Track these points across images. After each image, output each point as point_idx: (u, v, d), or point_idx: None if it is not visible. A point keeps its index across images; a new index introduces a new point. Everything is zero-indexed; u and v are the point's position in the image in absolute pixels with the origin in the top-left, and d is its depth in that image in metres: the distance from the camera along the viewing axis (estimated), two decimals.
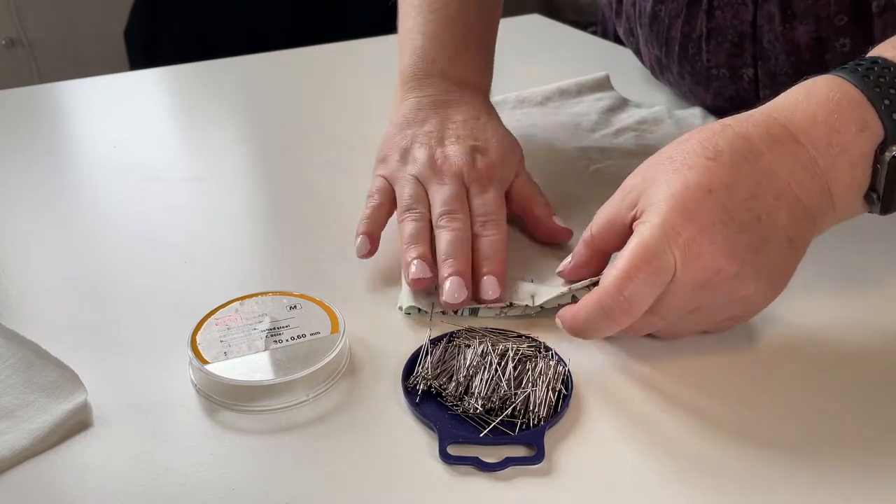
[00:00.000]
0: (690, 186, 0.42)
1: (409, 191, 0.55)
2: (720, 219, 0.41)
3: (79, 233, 0.63)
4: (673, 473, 0.39)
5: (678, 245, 0.41)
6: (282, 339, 0.46)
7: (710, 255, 0.41)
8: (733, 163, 0.43)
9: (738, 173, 0.42)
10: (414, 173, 0.56)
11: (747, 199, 0.42)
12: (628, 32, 0.92)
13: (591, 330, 0.44)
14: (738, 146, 0.43)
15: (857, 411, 0.42)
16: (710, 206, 0.42)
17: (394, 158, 0.58)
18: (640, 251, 0.42)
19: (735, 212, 0.42)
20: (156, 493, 0.38)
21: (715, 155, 0.43)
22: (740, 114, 0.46)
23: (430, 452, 0.40)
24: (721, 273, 0.42)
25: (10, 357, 0.45)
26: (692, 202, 0.42)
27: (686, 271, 0.41)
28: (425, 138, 0.59)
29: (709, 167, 0.43)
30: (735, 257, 0.42)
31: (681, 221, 0.41)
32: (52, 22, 2.29)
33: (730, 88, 0.71)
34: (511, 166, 0.58)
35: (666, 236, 0.41)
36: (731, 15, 0.68)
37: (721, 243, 0.41)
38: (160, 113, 0.89)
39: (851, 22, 0.62)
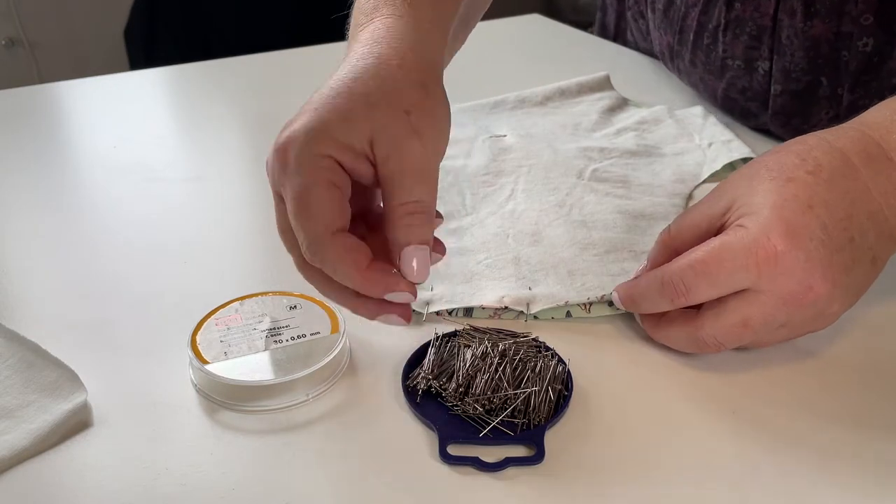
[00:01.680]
0: (790, 199, 0.42)
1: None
2: (818, 237, 0.41)
3: (79, 233, 0.63)
4: (673, 473, 0.39)
5: (768, 258, 0.41)
6: (282, 339, 0.46)
7: (804, 271, 0.41)
8: (832, 179, 0.42)
9: (837, 190, 0.42)
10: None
11: (844, 219, 0.42)
12: (638, 14, 0.92)
13: (642, 301, 0.45)
14: (836, 162, 0.43)
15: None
16: (810, 223, 0.41)
17: None
18: (720, 250, 0.42)
19: (833, 230, 0.41)
20: (156, 493, 0.38)
21: (815, 169, 0.43)
22: (832, 127, 0.46)
23: (430, 452, 0.40)
24: (813, 291, 0.41)
25: (10, 357, 0.45)
26: (792, 216, 0.41)
27: (778, 284, 0.41)
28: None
29: (808, 182, 0.42)
30: (828, 278, 0.41)
31: (778, 234, 0.41)
32: (52, 22, 2.29)
33: (743, 80, 0.71)
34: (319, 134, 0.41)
35: (756, 245, 0.41)
36: (752, 8, 0.68)
37: (817, 262, 0.41)
38: (160, 113, 0.89)
39: (876, 22, 0.62)
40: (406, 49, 0.43)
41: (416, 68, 0.42)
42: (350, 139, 0.40)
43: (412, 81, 0.41)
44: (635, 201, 0.62)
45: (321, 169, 0.40)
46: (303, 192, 0.39)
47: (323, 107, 0.40)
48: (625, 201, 0.62)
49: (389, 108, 0.40)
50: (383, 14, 0.46)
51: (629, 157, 0.68)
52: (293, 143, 0.40)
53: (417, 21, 0.45)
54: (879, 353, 0.47)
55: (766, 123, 0.73)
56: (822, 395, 0.44)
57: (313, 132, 0.40)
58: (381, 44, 0.43)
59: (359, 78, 0.41)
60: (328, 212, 0.40)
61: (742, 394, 0.44)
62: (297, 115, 0.42)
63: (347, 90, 0.41)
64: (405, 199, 0.40)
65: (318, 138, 0.40)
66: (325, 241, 0.40)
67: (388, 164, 0.40)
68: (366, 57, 0.42)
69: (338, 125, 0.40)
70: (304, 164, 0.39)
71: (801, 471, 0.39)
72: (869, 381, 0.45)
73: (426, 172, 0.41)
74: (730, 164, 0.67)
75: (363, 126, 0.40)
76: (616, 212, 0.60)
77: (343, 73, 0.42)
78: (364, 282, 0.40)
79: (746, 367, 0.45)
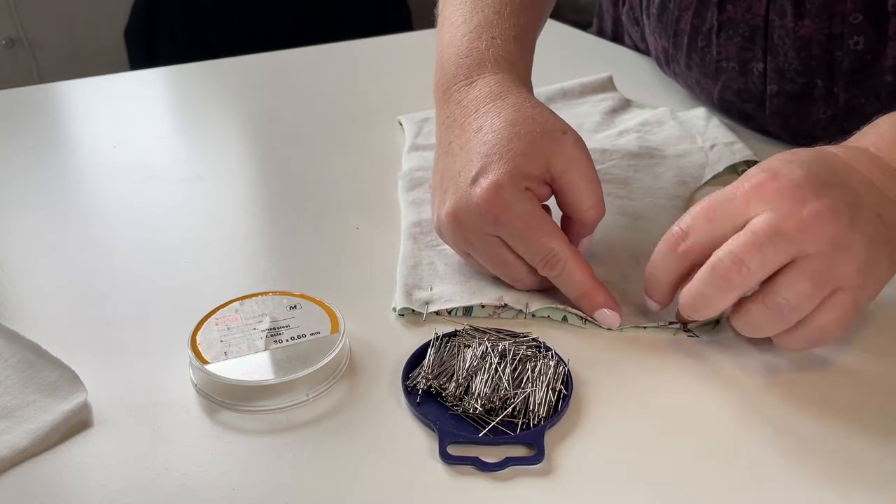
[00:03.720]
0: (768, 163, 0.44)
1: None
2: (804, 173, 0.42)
3: (79, 233, 0.63)
4: (673, 473, 0.39)
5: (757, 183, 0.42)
6: (282, 339, 0.46)
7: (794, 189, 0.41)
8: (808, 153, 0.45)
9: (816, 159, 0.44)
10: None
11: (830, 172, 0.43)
12: (632, 21, 0.92)
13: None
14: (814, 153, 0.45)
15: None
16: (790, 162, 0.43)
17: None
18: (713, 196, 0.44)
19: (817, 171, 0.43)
20: (156, 493, 0.38)
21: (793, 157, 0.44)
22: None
23: (430, 452, 0.40)
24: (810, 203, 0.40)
25: (10, 357, 0.45)
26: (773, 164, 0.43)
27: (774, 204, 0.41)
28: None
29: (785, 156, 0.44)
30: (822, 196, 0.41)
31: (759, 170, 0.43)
32: (52, 22, 2.29)
33: (738, 81, 0.72)
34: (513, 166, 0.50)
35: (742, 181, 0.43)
36: (744, 9, 0.68)
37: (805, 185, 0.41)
38: (160, 113, 0.89)
39: (866, 20, 0.62)
40: (527, 95, 0.53)
41: (541, 105, 0.52)
42: (535, 171, 0.49)
43: (549, 112, 0.52)
44: (636, 203, 0.62)
45: (533, 200, 0.49)
46: (531, 217, 0.48)
47: (508, 154, 0.49)
48: (626, 202, 0.62)
49: (551, 134, 0.50)
50: (489, 71, 0.55)
51: (631, 159, 0.68)
52: (503, 187, 0.48)
53: (519, 76, 0.56)
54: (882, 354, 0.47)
55: (765, 124, 0.73)
56: (826, 397, 0.44)
57: (515, 175, 0.48)
58: (508, 96, 0.52)
59: (516, 123, 0.50)
60: (557, 227, 0.49)
61: (743, 394, 0.44)
62: (480, 166, 0.49)
63: (516, 134, 0.50)
64: (591, 200, 0.50)
65: (518, 177, 0.48)
66: (565, 250, 0.48)
67: (566, 175, 0.49)
68: (504, 108, 0.51)
69: (525, 163, 0.48)
70: (521, 199, 0.48)
71: (803, 472, 0.39)
72: (870, 386, 0.45)
73: (594, 173, 0.51)
74: (732, 166, 0.67)
75: (540, 156, 0.49)
76: (617, 213, 0.60)
77: (497, 123, 0.51)
78: (593, 290, 0.48)
79: (747, 368, 0.45)
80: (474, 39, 0.57)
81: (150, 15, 2.09)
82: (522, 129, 0.50)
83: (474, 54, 0.56)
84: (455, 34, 0.58)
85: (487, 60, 0.55)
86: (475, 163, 0.49)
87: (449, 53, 0.58)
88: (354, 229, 0.61)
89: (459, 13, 0.60)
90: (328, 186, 0.69)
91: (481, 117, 0.52)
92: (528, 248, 0.48)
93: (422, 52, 1.01)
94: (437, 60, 0.59)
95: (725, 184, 0.46)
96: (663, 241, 0.45)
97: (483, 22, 0.58)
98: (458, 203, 0.49)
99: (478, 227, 0.49)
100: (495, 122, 0.51)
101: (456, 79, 0.55)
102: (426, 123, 0.77)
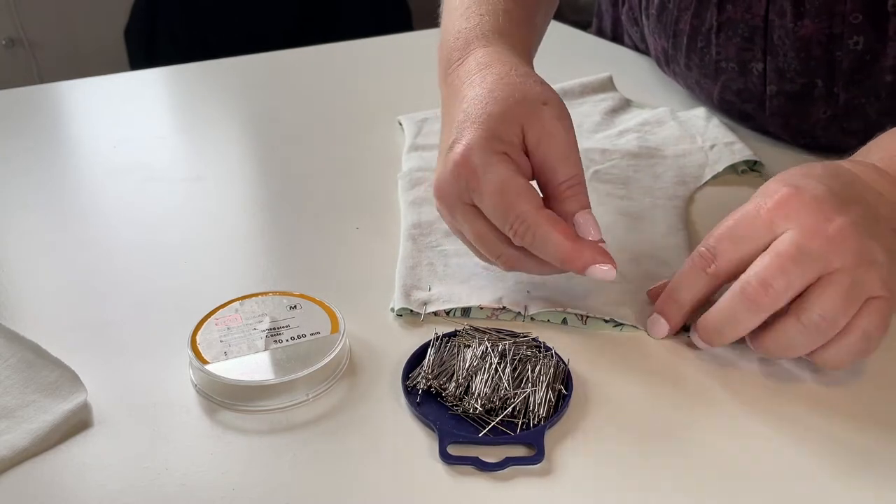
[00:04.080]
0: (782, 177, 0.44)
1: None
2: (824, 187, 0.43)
3: (79, 233, 0.63)
4: (673, 473, 0.39)
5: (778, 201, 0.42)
6: (282, 339, 0.46)
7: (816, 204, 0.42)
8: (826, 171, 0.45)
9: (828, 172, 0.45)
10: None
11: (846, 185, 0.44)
12: (632, 21, 0.92)
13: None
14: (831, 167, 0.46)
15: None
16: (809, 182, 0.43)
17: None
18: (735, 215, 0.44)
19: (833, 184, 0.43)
20: (156, 493, 0.38)
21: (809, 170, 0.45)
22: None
23: (430, 452, 0.40)
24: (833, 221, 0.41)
25: (10, 357, 0.45)
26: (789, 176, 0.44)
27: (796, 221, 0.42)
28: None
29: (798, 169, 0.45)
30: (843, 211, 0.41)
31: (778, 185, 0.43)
32: (52, 22, 2.29)
33: (738, 81, 0.72)
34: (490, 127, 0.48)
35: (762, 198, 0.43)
36: (743, 9, 0.68)
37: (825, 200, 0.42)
38: (160, 113, 0.89)
39: (866, 20, 0.62)
40: (515, 64, 0.51)
41: (530, 74, 0.50)
42: (510, 136, 0.47)
43: (535, 82, 0.49)
44: (636, 203, 0.62)
45: (506, 162, 0.46)
46: (504, 182, 0.45)
47: (480, 117, 0.47)
48: (626, 202, 0.62)
49: (529, 104, 0.47)
50: (478, 45, 0.54)
51: (631, 159, 0.68)
52: (473, 150, 0.46)
53: (510, 46, 0.54)
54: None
55: (765, 124, 0.73)
56: (825, 394, 0.44)
57: (487, 137, 0.46)
58: (493, 65, 0.51)
59: (495, 89, 0.48)
60: (531, 191, 0.46)
61: (743, 395, 0.44)
62: (456, 133, 0.47)
63: (493, 99, 0.48)
64: (564, 176, 0.47)
65: (492, 140, 0.46)
66: (537, 217, 0.45)
67: (540, 148, 0.47)
68: (488, 76, 0.50)
69: (500, 127, 0.47)
70: (492, 163, 0.45)
71: (804, 470, 0.39)
72: (870, 382, 0.45)
73: (573, 150, 0.48)
74: (731, 166, 0.67)
75: (515, 123, 0.47)
76: (616, 213, 0.60)
77: (478, 91, 0.49)
78: (573, 251, 0.45)
79: (748, 369, 0.45)
80: (464, 21, 0.57)
81: (150, 15, 2.09)
82: (500, 95, 0.48)
83: (463, 34, 0.56)
84: (449, 20, 0.59)
85: (475, 37, 0.55)
86: (453, 131, 0.48)
87: (444, 39, 0.58)
88: (354, 229, 0.61)
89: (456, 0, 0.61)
90: (328, 186, 0.69)
91: (466, 89, 0.51)
92: (497, 212, 0.46)
93: (422, 52, 1.01)
94: (438, 47, 0.59)
95: (725, 184, 0.46)
96: (690, 264, 0.45)
97: (473, 2, 0.59)
98: (438, 175, 0.48)
99: (455, 196, 0.47)
100: (476, 91, 0.49)
101: (450, 62, 0.55)
102: (426, 123, 0.77)
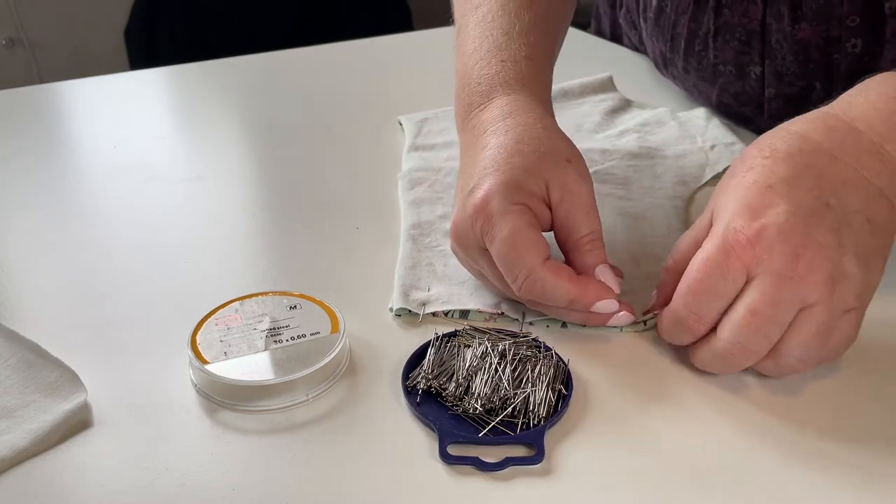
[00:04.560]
0: (750, 185, 0.42)
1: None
2: (785, 209, 0.40)
3: (79, 233, 0.63)
4: (673, 474, 0.39)
5: (743, 247, 0.40)
6: (282, 339, 0.46)
7: (783, 242, 0.40)
8: (789, 156, 0.42)
9: (797, 166, 0.42)
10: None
11: (812, 188, 0.41)
12: (630, 24, 0.92)
13: (671, 337, 0.45)
14: (793, 141, 0.43)
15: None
16: (772, 199, 0.41)
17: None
18: (702, 265, 0.41)
19: (800, 200, 0.41)
20: (156, 493, 0.38)
21: (770, 153, 0.43)
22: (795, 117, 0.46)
23: (430, 452, 0.40)
24: (802, 257, 0.39)
25: (10, 357, 0.45)
26: (752, 199, 0.41)
27: (765, 264, 0.40)
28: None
29: (765, 165, 0.42)
30: (812, 241, 0.40)
31: (743, 222, 0.41)
32: (52, 22, 2.29)
33: (735, 85, 0.72)
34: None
35: (727, 240, 0.41)
36: (740, 13, 0.68)
37: (790, 231, 0.40)
38: (160, 113, 0.89)
39: (863, 23, 0.62)
40: (540, 116, 0.52)
41: (555, 128, 0.52)
42: (534, 188, 0.47)
43: (560, 138, 0.51)
44: (636, 203, 0.62)
45: (522, 214, 0.46)
46: (514, 233, 0.45)
47: (504, 166, 0.48)
48: (625, 203, 0.62)
49: (555, 159, 0.48)
50: (501, 93, 0.54)
51: (631, 159, 0.68)
52: (493, 197, 0.46)
53: (534, 95, 0.55)
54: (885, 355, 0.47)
55: (764, 127, 0.72)
56: (826, 398, 0.44)
57: (508, 186, 0.47)
58: (518, 115, 0.52)
59: (521, 140, 0.49)
60: (540, 244, 0.46)
61: (744, 395, 0.44)
62: (478, 178, 0.48)
63: (518, 151, 0.49)
64: (585, 231, 0.48)
65: (512, 189, 0.47)
66: (541, 269, 0.45)
67: (563, 204, 0.48)
68: (513, 126, 0.51)
69: (523, 178, 0.47)
70: (509, 212, 0.46)
71: (804, 474, 0.39)
72: (878, 392, 0.45)
73: (594, 207, 0.49)
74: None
75: (540, 177, 0.47)
76: (616, 213, 0.60)
77: (503, 140, 0.50)
78: (579, 289, 0.46)
79: (748, 370, 0.45)
80: (485, 66, 0.56)
81: (150, 15, 2.09)
82: (526, 148, 0.49)
83: (486, 80, 0.56)
84: (468, 63, 0.58)
85: (499, 84, 0.55)
86: (475, 176, 0.49)
87: (463, 83, 0.57)
88: (354, 229, 0.61)
89: (471, 40, 0.60)
90: (328, 186, 0.69)
91: (490, 136, 0.51)
92: (503, 262, 0.46)
93: (422, 52, 1.02)
94: (454, 92, 0.59)
95: None
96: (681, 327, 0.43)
97: (493, 46, 0.58)
98: (456, 217, 0.49)
99: (471, 240, 0.48)
100: (501, 140, 0.50)
101: (471, 107, 0.55)
102: (426, 123, 0.77)
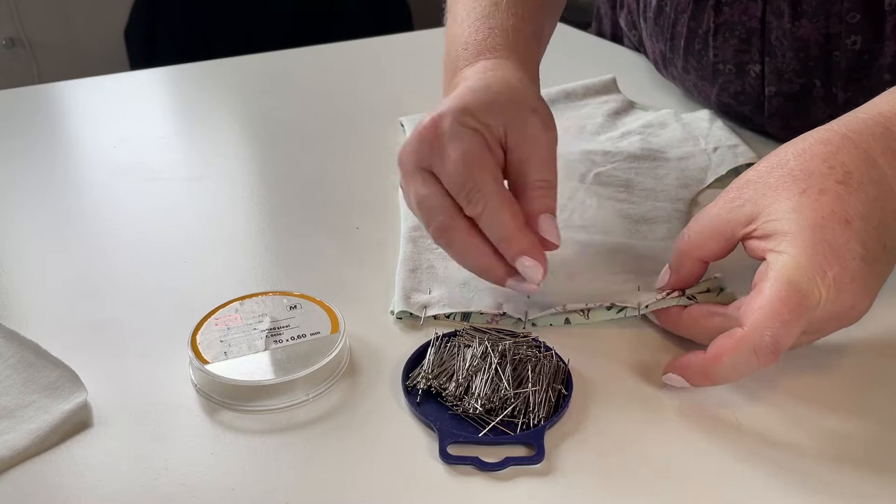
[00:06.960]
0: (827, 217, 0.41)
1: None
2: (860, 254, 0.40)
3: (79, 233, 0.63)
4: (673, 473, 0.39)
5: (825, 283, 0.40)
6: (282, 339, 0.46)
7: (850, 292, 0.40)
8: (862, 186, 0.42)
9: (868, 199, 0.41)
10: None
11: (878, 227, 0.41)
12: (630, 25, 0.92)
13: (732, 372, 0.41)
14: (863, 166, 0.42)
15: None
16: (850, 240, 0.40)
17: None
18: (791, 290, 0.40)
19: (869, 242, 0.41)
20: (156, 493, 0.38)
21: (844, 178, 0.42)
22: (850, 119, 0.45)
23: (430, 452, 0.40)
24: (855, 309, 0.41)
25: (10, 357, 0.45)
26: (833, 236, 0.40)
27: (827, 308, 0.40)
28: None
29: (841, 194, 0.41)
30: (869, 293, 0.41)
31: (827, 260, 0.40)
32: (52, 22, 2.29)
33: (735, 84, 0.72)
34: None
35: (815, 274, 0.40)
36: (740, 11, 0.68)
37: (860, 280, 0.40)
38: (160, 113, 0.89)
39: (863, 19, 0.62)
40: (521, 77, 0.52)
41: (533, 89, 0.52)
42: (489, 122, 0.47)
43: (532, 92, 0.51)
44: (637, 206, 0.62)
45: (476, 136, 0.46)
46: (468, 151, 0.45)
47: (465, 95, 0.48)
48: (627, 205, 0.62)
49: (520, 105, 0.48)
50: (488, 56, 0.55)
51: (633, 161, 0.68)
52: (444, 118, 0.46)
53: (520, 62, 0.55)
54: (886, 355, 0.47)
55: (764, 126, 0.73)
56: (828, 400, 0.44)
57: (462, 110, 0.47)
58: (497, 70, 0.52)
59: (492, 84, 0.49)
60: (495, 168, 0.46)
61: (744, 396, 0.44)
62: (439, 105, 0.48)
63: (485, 88, 0.49)
64: (538, 177, 0.47)
65: (466, 114, 0.46)
66: (495, 189, 0.45)
67: (520, 149, 0.47)
68: (489, 77, 0.51)
69: (480, 109, 0.47)
70: (462, 133, 0.46)
71: (803, 474, 0.39)
72: (878, 387, 0.45)
73: (552, 158, 0.49)
74: (734, 169, 0.67)
75: (500, 116, 0.47)
76: (617, 216, 0.60)
77: (473, 82, 0.50)
78: (516, 232, 0.45)
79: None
80: (473, 32, 0.58)
81: (150, 15, 2.09)
82: (494, 88, 0.49)
83: (472, 45, 0.57)
84: (456, 31, 0.60)
85: (486, 49, 0.56)
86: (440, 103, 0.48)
87: (451, 49, 0.59)
88: (354, 229, 0.61)
89: (461, 8, 0.61)
90: (328, 186, 0.69)
91: (463, 81, 0.51)
92: (455, 176, 0.45)
93: (422, 52, 1.02)
94: (444, 57, 0.60)
95: (726, 186, 0.45)
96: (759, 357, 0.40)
97: (481, 14, 0.59)
98: (403, 143, 0.48)
99: (413, 163, 0.47)
100: (471, 83, 0.50)
101: (457, 69, 0.56)
102: None
